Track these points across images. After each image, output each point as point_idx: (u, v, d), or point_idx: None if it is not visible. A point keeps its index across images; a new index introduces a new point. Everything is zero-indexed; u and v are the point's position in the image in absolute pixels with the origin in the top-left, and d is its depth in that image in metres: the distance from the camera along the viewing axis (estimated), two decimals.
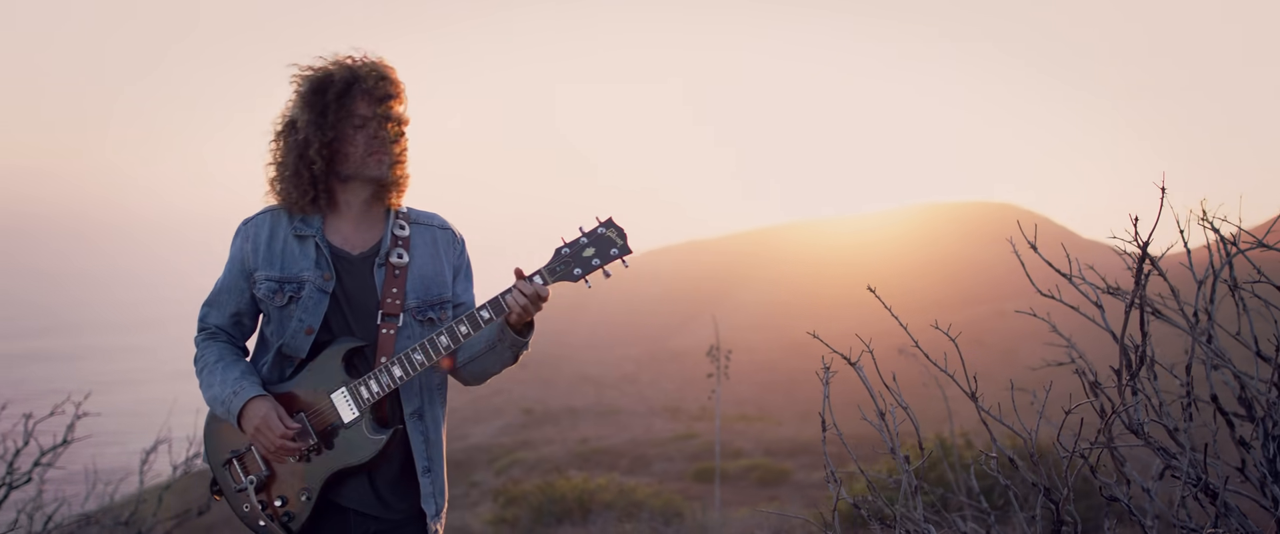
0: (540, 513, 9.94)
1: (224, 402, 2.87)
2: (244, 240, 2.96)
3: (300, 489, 2.88)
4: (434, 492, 2.98)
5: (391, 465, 2.95)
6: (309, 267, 2.89)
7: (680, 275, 68.76)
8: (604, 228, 2.84)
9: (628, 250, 2.85)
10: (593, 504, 10.12)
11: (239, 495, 2.93)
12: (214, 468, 3.00)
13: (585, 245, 2.83)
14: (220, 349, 3.00)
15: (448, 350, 2.82)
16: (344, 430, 2.85)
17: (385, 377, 2.82)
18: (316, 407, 2.86)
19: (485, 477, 22.76)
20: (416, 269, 2.95)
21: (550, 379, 49.70)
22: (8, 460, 5.55)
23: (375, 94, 2.83)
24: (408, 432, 2.95)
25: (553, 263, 2.83)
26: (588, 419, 33.42)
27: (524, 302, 2.79)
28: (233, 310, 3.00)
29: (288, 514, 2.87)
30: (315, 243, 2.90)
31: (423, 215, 3.05)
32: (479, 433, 33.90)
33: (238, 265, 2.96)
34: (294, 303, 2.88)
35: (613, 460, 23.35)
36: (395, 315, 2.89)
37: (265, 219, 2.96)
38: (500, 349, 2.92)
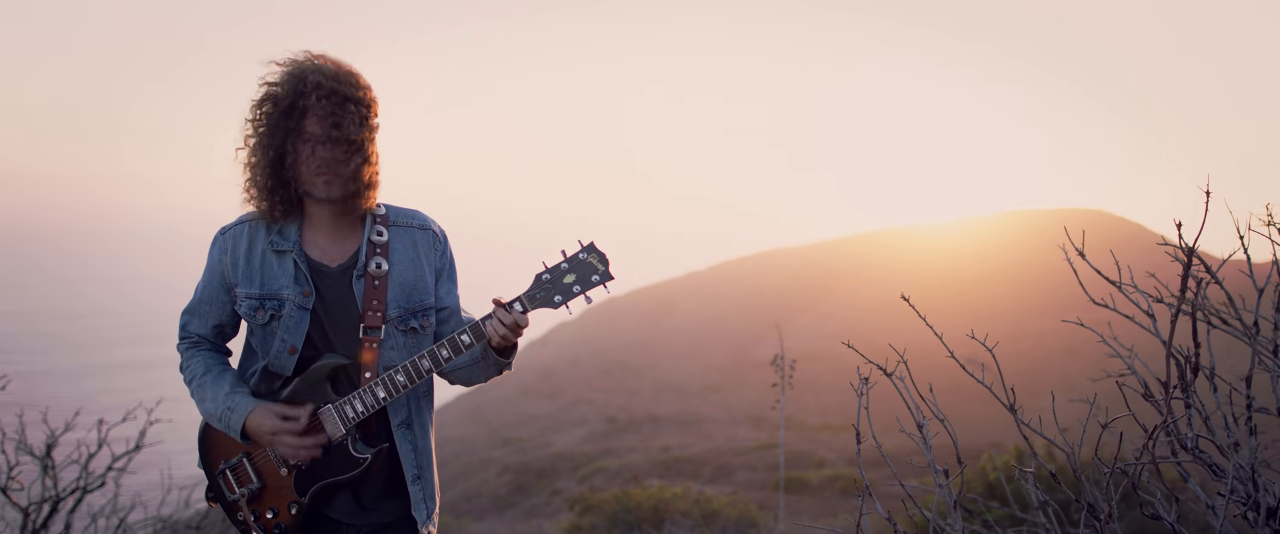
0: (615, 522, 9.92)
1: (220, 418, 2.86)
2: (222, 251, 2.92)
3: (290, 502, 2.90)
4: (424, 497, 2.98)
5: (381, 476, 2.96)
6: (288, 283, 2.85)
7: (765, 283, 68.31)
8: (585, 253, 2.79)
9: (609, 276, 2.79)
10: (668, 513, 10.07)
11: (233, 506, 2.95)
12: (209, 476, 3.01)
13: (566, 271, 2.79)
14: (206, 359, 2.99)
15: (429, 373, 2.81)
16: (332, 447, 2.85)
17: (369, 397, 2.81)
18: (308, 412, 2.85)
19: (568, 484, 22.81)
20: (396, 276, 2.90)
21: (634, 388, 49.65)
22: (82, 463, 5.68)
23: (323, 109, 2.69)
24: (397, 442, 2.94)
25: (533, 289, 2.79)
26: (671, 428, 33.32)
27: (504, 330, 2.76)
28: (215, 321, 2.99)
29: (279, 525, 2.90)
30: (293, 258, 2.86)
31: (402, 215, 2.99)
32: (562, 441, 34.00)
33: (218, 277, 2.93)
34: (276, 321, 2.86)
35: (695, 469, 23.25)
36: (377, 328, 2.86)
37: (243, 230, 2.91)
38: (485, 366, 2.93)
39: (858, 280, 65.49)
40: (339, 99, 2.70)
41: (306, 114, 2.70)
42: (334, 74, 2.72)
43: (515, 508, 21.98)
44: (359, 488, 2.94)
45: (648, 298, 77.07)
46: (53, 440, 5.64)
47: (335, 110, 2.69)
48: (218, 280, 2.93)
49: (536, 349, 68.49)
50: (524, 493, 24.29)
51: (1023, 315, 44.94)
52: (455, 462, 32.39)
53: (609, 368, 55.26)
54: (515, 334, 2.79)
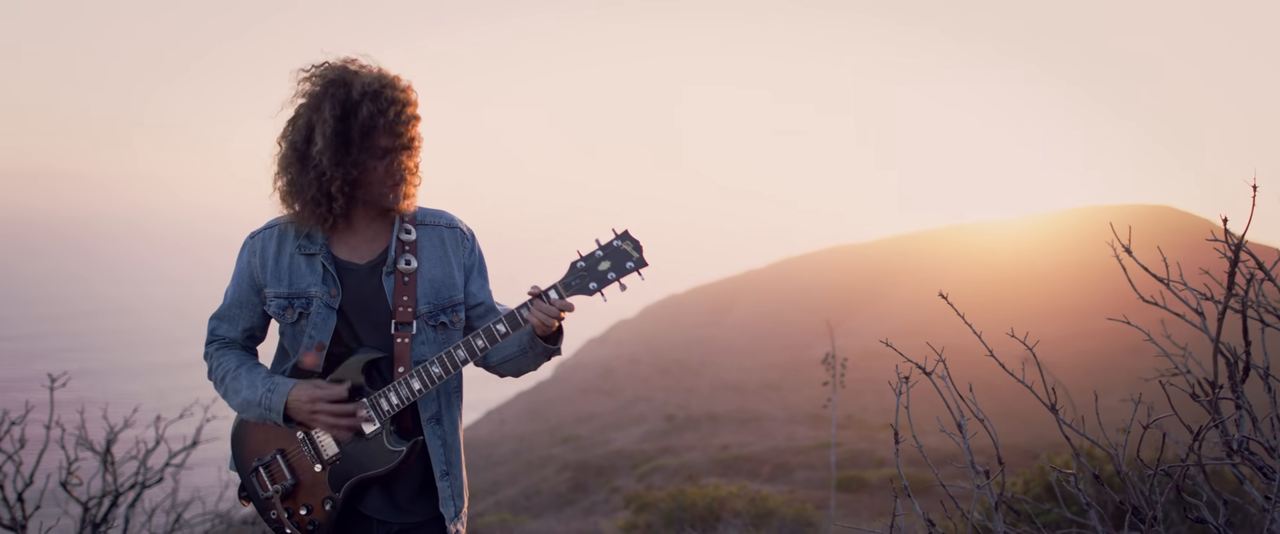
0: (670, 520, 9.90)
1: (260, 401, 2.89)
2: (251, 255, 2.96)
3: (324, 498, 2.91)
4: (453, 494, 2.99)
5: (412, 472, 2.96)
6: (315, 282, 2.88)
7: (826, 280, 67.89)
8: (620, 240, 2.80)
9: (644, 263, 2.80)
10: (723, 512, 10.03)
11: (266, 503, 2.97)
12: (242, 475, 3.03)
13: (600, 259, 2.80)
14: (237, 356, 3.02)
15: (464, 364, 2.82)
16: (366, 441, 2.86)
17: (404, 389, 2.83)
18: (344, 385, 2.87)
19: (627, 482, 22.80)
20: (425, 273, 2.93)
21: (693, 386, 49.54)
22: (140, 459, 5.78)
23: (397, 124, 2.75)
24: (426, 437, 2.95)
25: (568, 277, 2.81)
26: (729, 426, 33.20)
27: (540, 318, 2.77)
28: (245, 325, 3.02)
29: (312, 522, 2.91)
30: (321, 261, 2.89)
31: (430, 215, 3.02)
32: (621, 439, 34.00)
33: (247, 279, 2.96)
34: (304, 319, 2.89)
35: (754, 467, 23.14)
36: (408, 323, 2.88)
37: (272, 234, 2.95)
38: (533, 354, 2.92)
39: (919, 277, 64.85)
40: (408, 109, 2.76)
41: (381, 132, 2.74)
42: (398, 86, 2.76)
43: (574, 505, 22.03)
44: (392, 484, 2.94)
45: (707, 296, 76.90)
46: (112, 436, 5.74)
47: (403, 123, 2.75)
48: (248, 283, 2.96)
49: (596, 347, 68.60)
50: (583, 491, 24.34)
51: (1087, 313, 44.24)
52: (515, 459, 32.51)
53: (668, 366, 55.17)
54: (557, 319, 2.80)
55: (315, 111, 2.74)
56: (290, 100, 2.80)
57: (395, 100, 2.73)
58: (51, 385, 5.23)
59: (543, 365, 3.01)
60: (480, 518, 19.46)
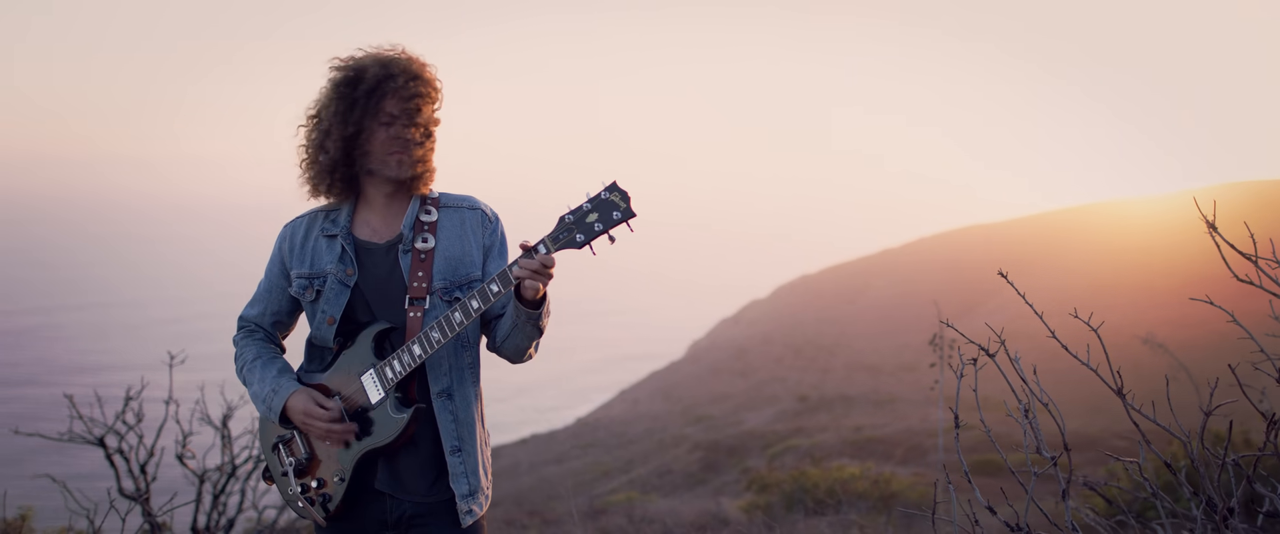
0: (791, 501, 9.78)
1: (265, 400, 2.99)
2: (283, 241, 3.09)
3: (335, 472, 2.96)
4: (466, 471, 2.98)
5: (422, 447, 2.98)
6: (333, 262, 2.98)
7: (963, 261, 66.44)
8: (608, 192, 2.76)
9: (631, 214, 2.74)
10: (845, 494, 9.85)
11: (283, 479, 3.05)
12: (266, 454, 3.10)
13: (588, 211, 2.75)
14: (257, 347, 3.12)
15: (461, 325, 2.82)
16: (373, 411, 2.91)
17: (406, 356, 2.86)
18: (349, 390, 2.95)
19: (759, 463, 22.69)
20: (443, 251, 2.98)
21: (827, 366, 49.15)
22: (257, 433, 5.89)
23: (405, 93, 2.86)
24: (436, 411, 2.96)
25: (557, 231, 2.77)
26: (863, 407, 32.80)
27: (529, 272, 2.74)
28: (273, 310, 3.13)
29: (324, 496, 2.97)
30: (341, 242, 2.98)
31: (454, 198, 3.09)
32: (754, 419, 33.90)
33: (278, 264, 3.09)
34: (320, 297, 2.99)
35: (887, 450, 22.79)
36: (422, 298, 2.93)
37: (303, 221, 3.08)
38: (522, 325, 2.89)
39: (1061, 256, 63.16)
40: (419, 83, 2.87)
41: (387, 95, 2.85)
42: (414, 62, 2.90)
43: (705, 485, 22.02)
44: (400, 456, 2.96)
45: (841, 276, 76.19)
46: (229, 412, 5.87)
47: (415, 93, 2.86)
48: (278, 267, 3.09)
49: (729, 327, 68.62)
50: (714, 470, 24.32)
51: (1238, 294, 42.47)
52: (648, 438, 32.70)
53: (801, 346, 54.83)
54: (542, 278, 2.77)
55: (332, 87, 2.90)
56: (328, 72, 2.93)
57: (406, 72, 2.86)
58: (170, 363, 5.40)
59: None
60: (607, 496, 19.60)
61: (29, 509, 6.57)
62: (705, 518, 9.86)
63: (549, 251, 2.76)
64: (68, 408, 5.24)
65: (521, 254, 2.77)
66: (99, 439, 5.30)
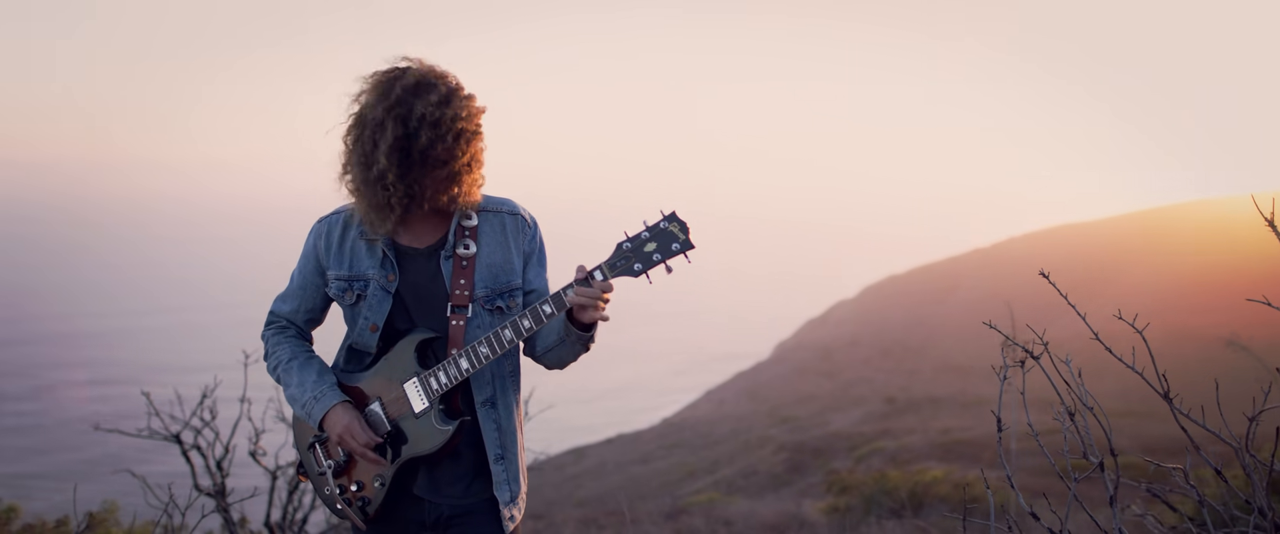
0: (871, 503, 9.64)
1: (304, 405, 2.96)
2: (318, 238, 3.03)
3: (375, 476, 2.93)
4: (508, 478, 2.96)
5: (465, 454, 2.94)
6: (374, 266, 2.94)
7: (1057, 260, 65.18)
8: (667, 221, 2.74)
9: (690, 245, 2.73)
10: (927, 497, 9.69)
11: (320, 478, 3.01)
12: (300, 451, 3.08)
13: (646, 240, 2.74)
14: (292, 346, 3.09)
15: (511, 344, 2.81)
16: (415, 420, 2.89)
17: (453, 368, 2.84)
18: (390, 396, 2.93)
19: (845, 464, 22.50)
20: (484, 258, 2.94)
21: (915, 368, 48.55)
22: None
23: (455, 149, 2.78)
24: (480, 420, 2.93)
25: (613, 258, 2.75)
26: (951, 409, 32.32)
27: (584, 298, 2.72)
28: (306, 307, 3.10)
29: (363, 499, 2.96)
30: (381, 246, 2.94)
31: (493, 202, 3.02)
32: (840, 421, 33.64)
33: (312, 262, 3.04)
34: (361, 302, 2.96)
35: (976, 453, 22.44)
36: (464, 306, 2.91)
37: (338, 219, 3.01)
38: (569, 343, 2.88)
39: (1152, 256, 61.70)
40: (460, 131, 2.78)
41: (439, 138, 2.75)
42: (451, 102, 2.77)
43: (790, 486, 21.88)
44: (443, 465, 2.95)
45: (929, 276, 75.25)
46: None
47: (463, 144, 2.79)
48: (313, 265, 3.04)
49: (815, 328, 68.13)
50: (800, 472, 24.18)
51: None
52: (733, 439, 32.62)
53: (889, 347, 54.25)
54: (598, 304, 2.75)
55: (379, 128, 2.77)
56: (355, 98, 2.83)
57: (455, 121, 2.76)
58: (246, 362, 5.48)
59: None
60: (690, 497, 19.56)
61: (114, 503, 6.73)
62: (784, 520, 9.78)
63: (606, 279, 2.74)
64: (147, 406, 5.36)
65: (578, 279, 2.74)
66: (175, 436, 5.40)
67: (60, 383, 49.57)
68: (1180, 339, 42.05)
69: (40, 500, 6.94)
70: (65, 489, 4.41)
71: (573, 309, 2.78)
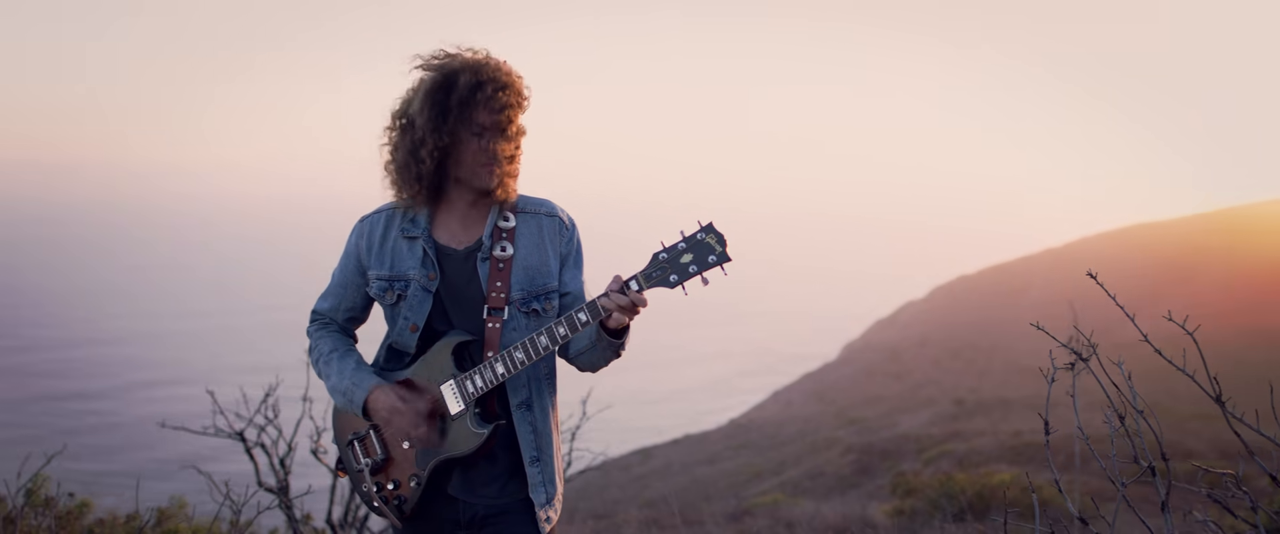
0: (936, 507, 9.54)
1: (345, 393, 3.00)
2: (359, 237, 3.07)
3: (411, 475, 2.98)
4: (543, 481, 3.00)
5: (500, 456, 2.98)
6: (415, 266, 2.97)
7: (1129, 261, 63.98)
8: (703, 233, 2.75)
9: (726, 258, 2.74)
10: (994, 500, 9.57)
11: (358, 475, 3.07)
12: (340, 447, 3.14)
13: (683, 251, 2.75)
14: (333, 339, 3.14)
15: (546, 350, 2.83)
16: (451, 422, 2.92)
17: (489, 372, 2.87)
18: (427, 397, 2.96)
19: (913, 466, 22.26)
20: (521, 260, 2.97)
21: (985, 369, 47.94)
22: None
23: (495, 104, 2.82)
24: (515, 422, 2.96)
25: (649, 268, 2.76)
26: (1022, 412, 31.83)
27: (617, 307, 2.75)
28: (347, 304, 3.14)
29: (399, 497, 3.00)
30: (422, 245, 2.97)
31: (531, 203, 3.05)
32: (908, 422, 33.31)
33: (354, 261, 3.08)
34: (402, 301, 2.99)
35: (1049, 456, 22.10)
36: (500, 309, 2.93)
37: (380, 219, 3.06)
38: (600, 348, 2.91)
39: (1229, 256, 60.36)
40: (509, 93, 2.84)
41: (479, 106, 2.82)
42: (503, 69, 2.85)
43: (858, 488, 21.71)
44: (479, 466, 2.98)
45: (1000, 276, 74.21)
46: None
47: (505, 104, 2.83)
48: (354, 264, 3.09)
49: (883, 328, 67.56)
50: (867, 474, 23.98)
51: None
52: (800, 440, 32.44)
53: (959, 348, 53.60)
54: (630, 313, 2.77)
55: (419, 85, 2.86)
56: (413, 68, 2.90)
57: (496, 80, 2.82)
58: (308, 362, 5.56)
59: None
60: (755, 498, 19.48)
61: (181, 499, 6.87)
62: (849, 522, 9.71)
63: (641, 289, 2.75)
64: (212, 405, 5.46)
65: (614, 287, 2.76)
66: (238, 433, 5.50)
67: (135, 383, 50.65)
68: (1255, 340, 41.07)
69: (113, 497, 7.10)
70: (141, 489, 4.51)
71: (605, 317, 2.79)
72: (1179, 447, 21.60)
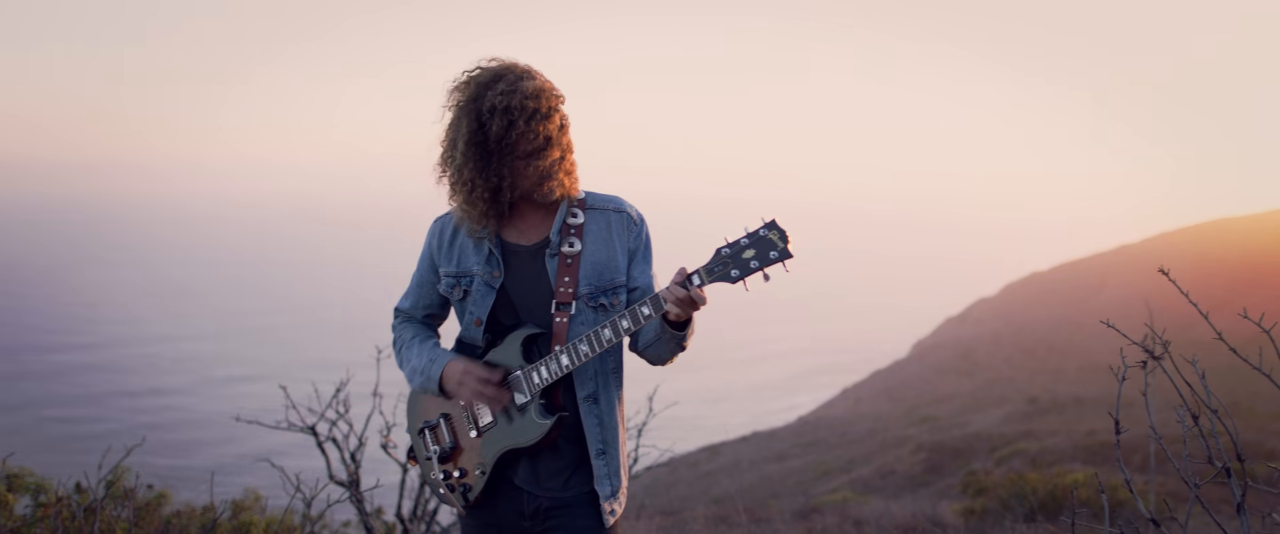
0: (1006, 506, 9.41)
1: (423, 370, 3.09)
2: (433, 236, 3.18)
3: (476, 463, 3.05)
4: (609, 473, 3.04)
5: (565, 448, 3.03)
6: (480, 263, 3.05)
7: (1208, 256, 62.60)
8: (766, 229, 2.77)
9: (788, 255, 2.75)
10: (1067, 500, 9.42)
11: (427, 463, 3.16)
12: (411, 436, 3.23)
13: (745, 246, 2.77)
14: (415, 328, 3.24)
15: (610, 343, 2.88)
16: (517, 411, 2.98)
17: (554, 364, 2.92)
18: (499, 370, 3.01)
19: (985, 465, 22.01)
20: (589, 256, 3.02)
21: (1058, 368, 47.19)
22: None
23: (531, 133, 2.86)
24: (582, 415, 3.01)
25: (711, 263, 2.79)
26: (1097, 411, 31.33)
27: (675, 300, 2.78)
28: (425, 302, 3.24)
29: (465, 486, 3.07)
30: (488, 245, 3.04)
31: (599, 199, 3.11)
32: (980, 421, 32.93)
33: (428, 259, 3.19)
34: (467, 297, 3.07)
35: (1123, 456, 21.69)
36: (568, 303, 2.99)
37: (451, 219, 3.14)
38: (664, 340, 2.94)
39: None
40: (541, 116, 2.87)
41: (517, 141, 2.86)
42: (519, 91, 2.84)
43: (928, 487, 21.51)
44: (544, 458, 3.03)
45: (1075, 273, 73.00)
46: None
47: (542, 128, 2.87)
48: (428, 262, 3.19)
49: (955, 326, 66.82)
50: (938, 472, 23.75)
51: None
52: (870, 438, 32.21)
53: (1032, 346, 52.84)
54: (689, 308, 2.79)
55: (456, 126, 2.92)
56: (446, 106, 2.97)
57: (525, 109, 2.83)
58: (377, 358, 5.67)
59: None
60: (823, 496, 19.37)
61: (256, 492, 7.00)
62: (918, 521, 9.61)
63: (702, 284, 2.79)
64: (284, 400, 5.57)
65: (676, 279, 2.80)
66: (310, 427, 5.59)
67: (209, 380, 51.59)
68: None
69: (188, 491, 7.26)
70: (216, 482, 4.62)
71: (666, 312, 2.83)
72: (1259, 448, 21.12)
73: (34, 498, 5.46)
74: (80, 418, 41.92)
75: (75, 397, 46.85)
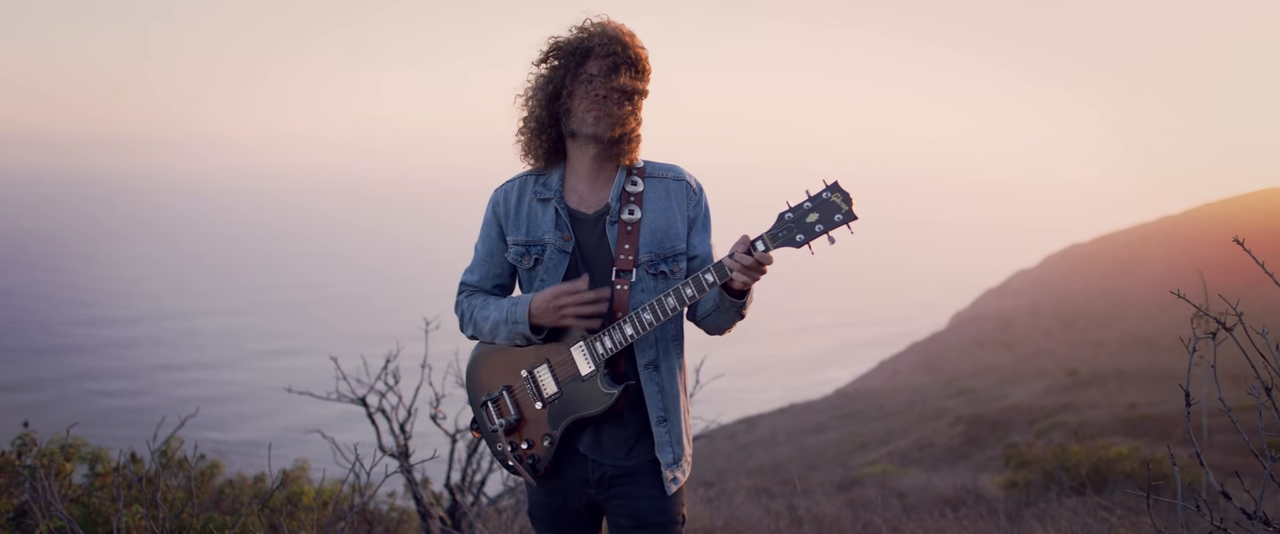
0: (1050, 479, 9.36)
1: (506, 317, 3.03)
2: (495, 206, 3.16)
3: (543, 434, 3.06)
4: (671, 441, 3.05)
5: (628, 417, 3.04)
6: (549, 229, 3.05)
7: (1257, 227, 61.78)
8: (829, 192, 2.76)
9: (853, 216, 2.74)
10: (1111, 474, 9.35)
11: (492, 436, 3.15)
12: (474, 409, 3.22)
13: (809, 210, 2.77)
14: (484, 295, 3.19)
15: (674, 312, 2.87)
16: (582, 383, 2.98)
17: (618, 333, 2.93)
18: (558, 359, 3.02)
19: (1025, 438, 21.91)
20: (649, 224, 3.03)
21: (1099, 339, 46.79)
22: None
23: (603, 53, 2.92)
24: (643, 383, 3.02)
25: (775, 228, 2.79)
26: (1139, 383, 31.05)
27: (741, 267, 2.79)
28: (495, 272, 3.19)
29: (533, 457, 3.07)
30: (555, 206, 3.05)
31: (659, 168, 3.12)
32: (1019, 394, 32.75)
33: (494, 229, 3.16)
34: (538, 265, 3.06)
35: (1165, 429, 21.52)
36: (628, 271, 2.99)
37: (513, 186, 3.15)
38: (725, 311, 2.96)
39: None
40: (621, 49, 2.94)
41: (589, 56, 2.94)
42: (619, 31, 2.96)
43: (967, 460, 21.46)
44: (608, 426, 3.04)
45: (1115, 245, 72.25)
46: None
47: (615, 57, 2.93)
48: (495, 232, 3.17)
49: (994, 298, 66.35)
50: (977, 445, 23.68)
51: None
52: (908, 411, 32.14)
53: (1072, 318, 52.38)
54: (756, 274, 2.81)
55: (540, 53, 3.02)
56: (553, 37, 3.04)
57: (605, 36, 2.94)
58: (426, 329, 5.72)
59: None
60: (862, 467, 19.37)
61: (305, 461, 7.10)
62: (959, 493, 9.58)
63: (768, 249, 2.79)
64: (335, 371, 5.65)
65: (739, 247, 2.80)
66: (361, 399, 5.66)
67: (256, 353, 52.05)
68: None
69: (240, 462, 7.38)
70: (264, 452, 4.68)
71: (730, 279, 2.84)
72: None
73: (91, 467, 5.56)
74: (123, 391, 42.46)
75: (118, 370, 47.44)
